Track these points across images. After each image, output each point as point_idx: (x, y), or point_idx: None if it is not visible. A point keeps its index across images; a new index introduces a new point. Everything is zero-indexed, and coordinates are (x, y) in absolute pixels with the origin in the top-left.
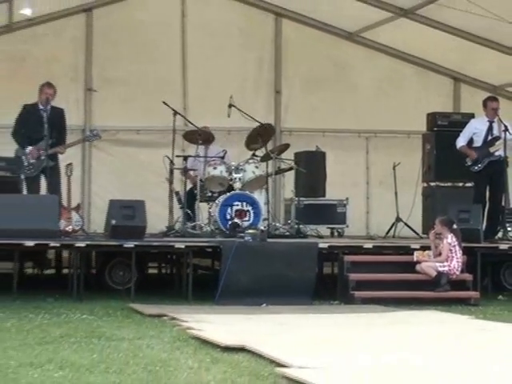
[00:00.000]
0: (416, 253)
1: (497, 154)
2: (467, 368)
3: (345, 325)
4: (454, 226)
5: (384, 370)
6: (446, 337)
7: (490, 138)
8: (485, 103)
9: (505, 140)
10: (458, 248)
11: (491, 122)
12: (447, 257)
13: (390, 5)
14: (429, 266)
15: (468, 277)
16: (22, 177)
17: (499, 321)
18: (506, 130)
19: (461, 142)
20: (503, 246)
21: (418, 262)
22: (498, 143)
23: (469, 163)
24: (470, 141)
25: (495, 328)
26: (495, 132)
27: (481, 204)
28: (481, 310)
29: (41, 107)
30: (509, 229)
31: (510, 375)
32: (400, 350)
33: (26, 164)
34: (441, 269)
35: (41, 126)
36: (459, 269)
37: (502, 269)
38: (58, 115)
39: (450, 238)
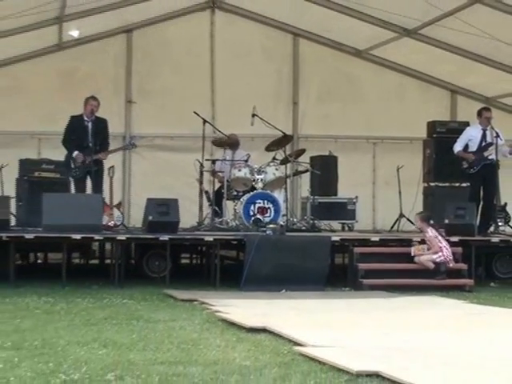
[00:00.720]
0: (413, 248)
1: (490, 157)
2: (463, 344)
3: (355, 308)
4: (431, 221)
5: (390, 348)
6: (445, 319)
7: (484, 144)
8: (480, 113)
9: (496, 145)
10: (440, 238)
11: (485, 130)
12: (439, 247)
13: (395, 25)
14: (426, 259)
15: (463, 266)
16: (70, 178)
17: (491, 305)
18: (498, 136)
19: (458, 147)
20: (495, 239)
21: (416, 256)
22: (490, 148)
23: (465, 166)
24: (466, 146)
25: (487, 311)
26: (488, 139)
27: (475, 202)
28: (475, 296)
29: (86, 118)
30: (499, 224)
31: (498, 348)
32: (405, 330)
33: (73, 167)
34: (438, 260)
35: (86, 134)
36: (451, 255)
37: (494, 259)
38: (101, 125)
39: (431, 231)
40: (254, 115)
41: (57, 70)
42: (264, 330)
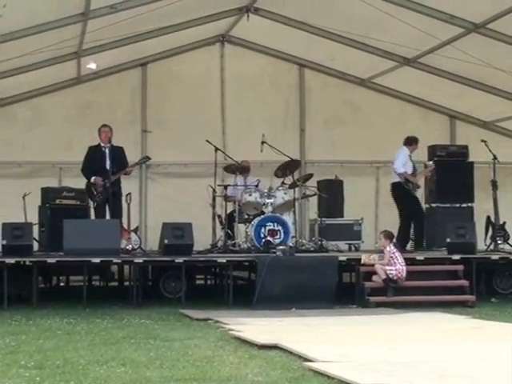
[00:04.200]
0: (363, 256)
1: (419, 182)
2: (466, 357)
3: (362, 324)
4: (394, 240)
5: (395, 362)
6: (448, 333)
7: (414, 169)
8: (416, 141)
9: (494, 166)
10: (398, 254)
11: (409, 155)
12: (389, 261)
13: (395, 55)
14: (380, 268)
15: (465, 283)
16: (91, 204)
17: (492, 320)
18: (495, 158)
19: (402, 168)
20: (495, 257)
21: (365, 265)
22: (418, 173)
23: (410, 187)
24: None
25: (489, 325)
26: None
27: (412, 220)
28: (477, 311)
29: (102, 145)
30: (499, 242)
31: (498, 359)
32: (409, 344)
33: (95, 193)
34: (389, 272)
35: (104, 160)
36: (404, 271)
37: (494, 276)
38: (118, 152)
39: (389, 247)
40: (263, 142)
41: (76, 102)
42: (275, 347)
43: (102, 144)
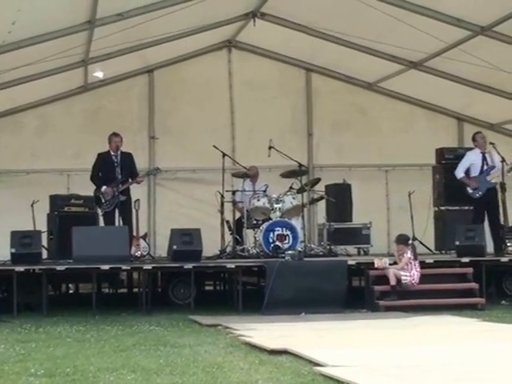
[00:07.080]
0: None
1: (493, 181)
2: (477, 360)
3: (372, 328)
4: (410, 242)
5: (406, 366)
6: (459, 336)
7: (485, 167)
8: (474, 138)
9: (503, 169)
10: (413, 261)
11: (484, 153)
12: (404, 267)
13: (402, 59)
14: (393, 273)
15: (475, 286)
16: (100, 212)
17: (502, 322)
18: (504, 160)
19: (461, 173)
20: (504, 259)
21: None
22: (492, 172)
23: (470, 191)
24: (467, 171)
25: (499, 328)
26: (489, 162)
27: (482, 224)
28: (487, 314)
29: (112, 153)
30: (508, 244)
31: (510, 362)
32: (420, 347)
33: (104, 201)
34: (403, 278)
35: (113, 168)
36: (418, 277)
37: (504, 278)
38: (127, 159)
39: (409, 253)
40: (270, 147)
41: (83, 110)
42: (285, 352)
43: (112, 152)
